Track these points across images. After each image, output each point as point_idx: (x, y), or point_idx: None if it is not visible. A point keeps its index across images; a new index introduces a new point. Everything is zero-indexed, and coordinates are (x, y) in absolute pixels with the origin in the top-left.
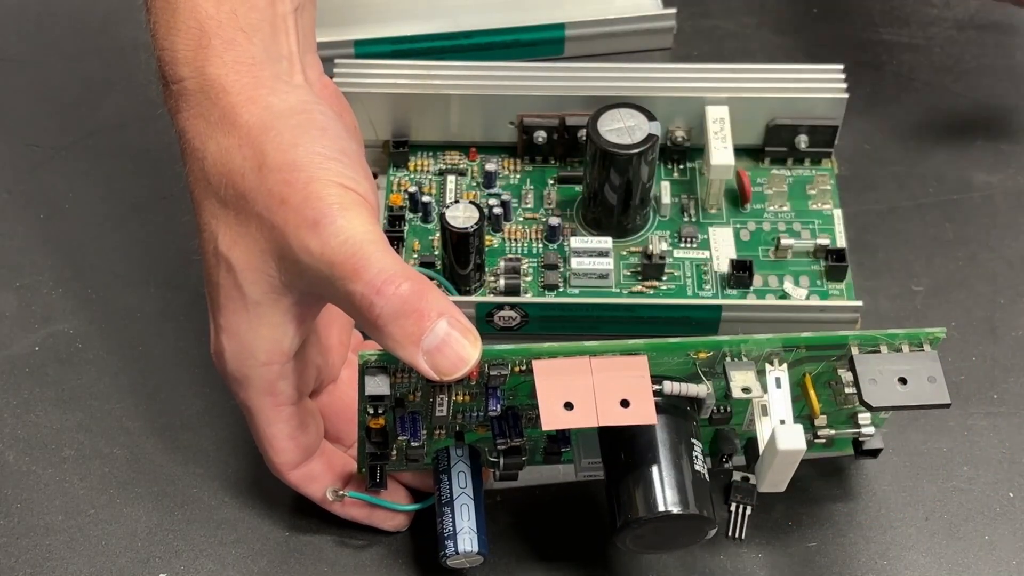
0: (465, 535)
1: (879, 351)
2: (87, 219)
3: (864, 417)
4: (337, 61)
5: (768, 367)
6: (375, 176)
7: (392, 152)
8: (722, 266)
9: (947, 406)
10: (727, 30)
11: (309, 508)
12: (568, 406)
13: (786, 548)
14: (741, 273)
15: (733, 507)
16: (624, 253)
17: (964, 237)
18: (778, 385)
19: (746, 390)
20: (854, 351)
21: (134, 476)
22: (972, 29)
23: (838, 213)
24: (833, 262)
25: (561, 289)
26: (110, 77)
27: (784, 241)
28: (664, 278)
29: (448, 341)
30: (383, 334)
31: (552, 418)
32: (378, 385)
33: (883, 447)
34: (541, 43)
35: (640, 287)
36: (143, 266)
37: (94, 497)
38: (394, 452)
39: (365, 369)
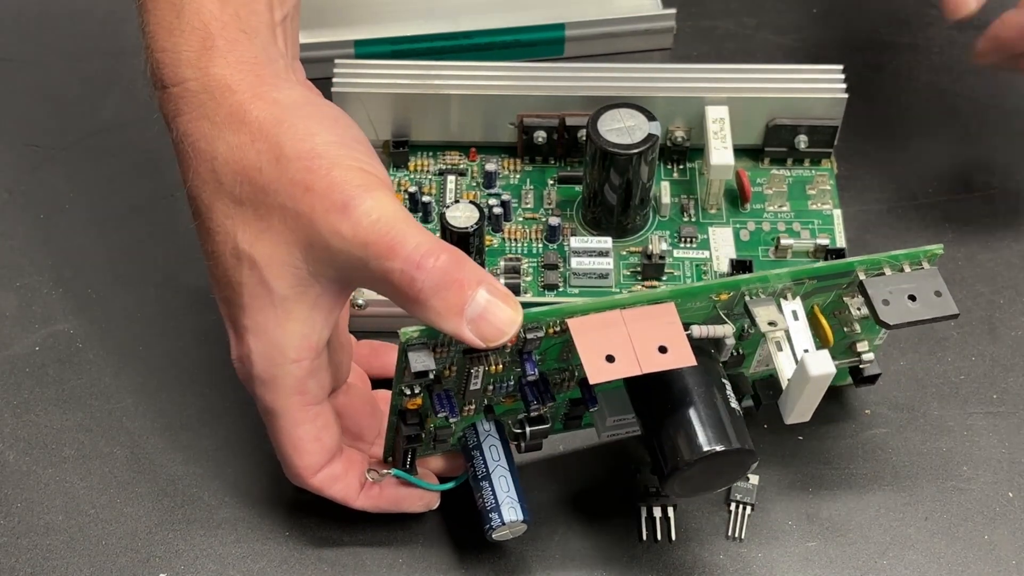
0: (508, 505)
1: (883, 274)
2: (87, 219)
3: (862, 345)
4: (337, 61)
5: (783, 302)
6: None
7: (392, 152)
8: (722, 266)
9: (956, 316)
10: (727, 30)
11: (309, 508)
12: (610, 358)
13: (786, 548)
14: (741, 273)
15: (733, 507)
16: (624, 253)
17: (964, 237)
18: (795, 317)
19: (772, 323)
20: (861, 276)
21: (134, 476)
22: (972, 29)
23: (838, 213)
24: None
25: (561, 289)
26: (110, 77)
27: (784, 241)
28: (664, 278)
29: (490, 308)
30: (426, 308)
31: (597, 372)
32: (423, 361)
33: (880, 372)
34: (541, 43)
35: (640, 287)
36: (143, 266)
37: (94, 497)
38: (423, 435)
39: (408, 346)
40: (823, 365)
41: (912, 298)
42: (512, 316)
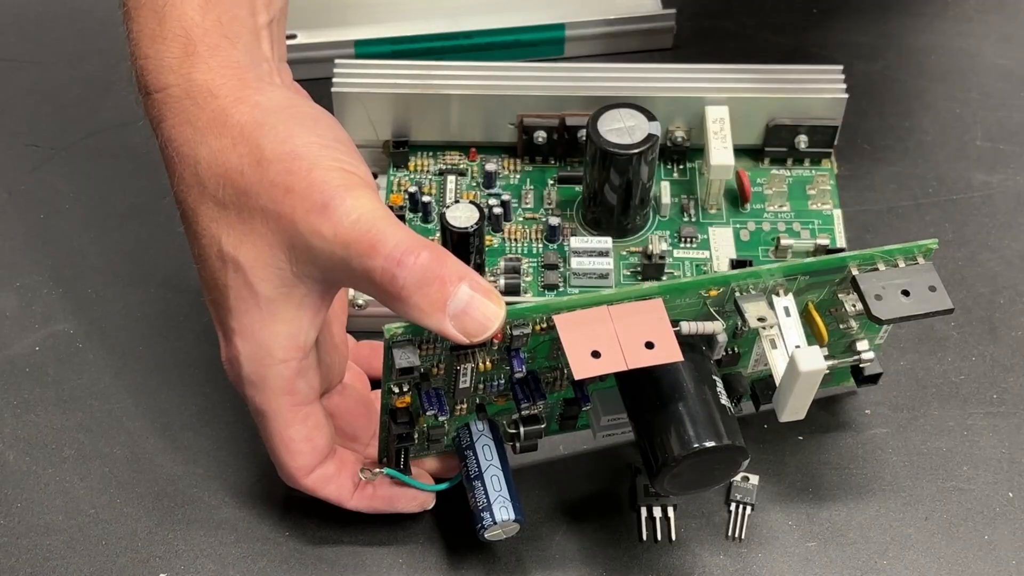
0: (500, 504)
1: (877, 269)
2: (87, 219)
3: (863, 344)
4: (337, 61)
5: (775, 298)
6: (375, 176)
7: (392, 152)
8: (722, 266)
9: (950, 311)
10: (727, 30)
11: (309, 508)
12: (595, 354)
13: (786, 548)
14: None
15: (733, 507)
16: (624, 253)
17: (964, 237)
18: (787, 313)
19: (761, 319)
20: (855, 271)
21: (134, 476)
22: (971, 30)
23: (838, 213)
24: None
25: (561, 289)
26: (110, 77)
27: (784, 241)
28: (664, 278)
29: (472, 303)
30: (408, 305)
31: (582, 367)
32: (407, 357)
33: (882, 371)
34: (541, 43)
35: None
36: (143, 266)
37: (94, 497)
38: (416, 435)
39: (392, 343)
40: (813, 360)
41: (906, 293)
42: (495, 311)
